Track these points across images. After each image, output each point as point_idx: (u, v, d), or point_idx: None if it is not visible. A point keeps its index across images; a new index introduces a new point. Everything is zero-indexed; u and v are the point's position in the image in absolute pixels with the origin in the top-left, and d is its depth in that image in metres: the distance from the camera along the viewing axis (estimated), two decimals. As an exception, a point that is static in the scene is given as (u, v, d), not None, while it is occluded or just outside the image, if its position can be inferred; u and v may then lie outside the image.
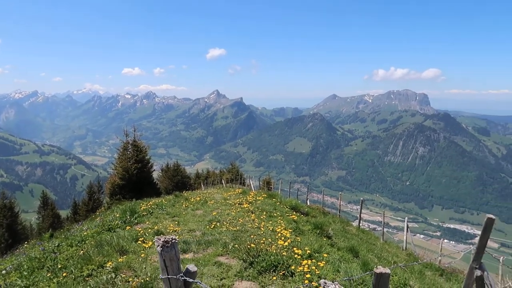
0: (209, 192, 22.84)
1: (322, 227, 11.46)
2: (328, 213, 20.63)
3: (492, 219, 4.44)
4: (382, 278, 2.78)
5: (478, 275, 4.53)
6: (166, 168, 44.58)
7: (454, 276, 14.00)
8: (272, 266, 6.85)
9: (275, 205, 14.55)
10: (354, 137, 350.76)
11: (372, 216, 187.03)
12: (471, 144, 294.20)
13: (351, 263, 8.30)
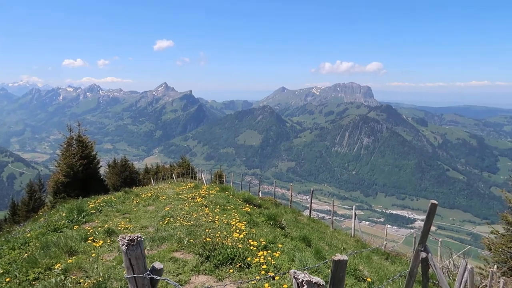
0: (160, 187, 22.39)
1: (275, 218, 11.67)
2: (280, 204, 21.01)
3: (435, 204, 4.76)
4: (340, 265, 2.91)
5: (423, 257, 4.86)
6: (113, 164, 42.95)
7: (398, 259, 14.84)
8: (228, 259, 6.90)
9: (228, 198, 14.58)
10: (302, 129, 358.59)
11: (321, 206, 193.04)
12: (411, 134, 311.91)
13: (304, 251, 8.55)
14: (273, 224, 11.27)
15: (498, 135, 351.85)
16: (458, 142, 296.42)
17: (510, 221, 18.43)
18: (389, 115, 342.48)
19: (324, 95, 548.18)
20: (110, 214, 12.55)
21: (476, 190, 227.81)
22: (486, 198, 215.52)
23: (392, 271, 10.21)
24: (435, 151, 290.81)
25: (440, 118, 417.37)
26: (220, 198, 14.25)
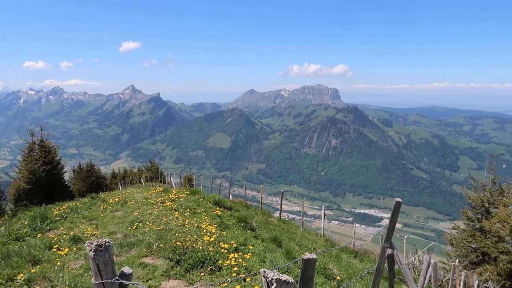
0: (128, 192, 21.93)
1: (246, 220, 11.71)
2: (251, 206, 21.08)
3: (400, 202, 4.94)
4: (309, 263, 2.97)
5: (389, 253, 5.02)
6: (78, 169, 41.63)
7: (366, 257, 15.22)
8: (199, 263, 6.86)
9: (198, 202, 14.49)
10: (272, 131, 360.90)
11: (291, 207, 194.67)
12: (377, 134, 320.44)
13: (275, 252, 8.63)
14: (244, 226, 11.29)
15: (458, 135, 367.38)
16: (422, 142, 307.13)
17: (470, 216, 19.28)
18: (356, 116, 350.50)
19: (292, 97, 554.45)
20: (76, 221, 12.18)
21: (438, 188, 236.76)
22: (448, 196, 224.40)
23: (361, 269, 10.46)
24: (400, 151, 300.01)
25: (404, 119, 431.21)
26: (190, 202, 14.13)
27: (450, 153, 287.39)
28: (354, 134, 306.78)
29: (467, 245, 18.80)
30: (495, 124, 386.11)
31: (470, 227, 19.57)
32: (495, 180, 19.54)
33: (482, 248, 17.52)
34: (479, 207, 19.09)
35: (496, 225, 16.72)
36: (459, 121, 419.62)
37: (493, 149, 39.52)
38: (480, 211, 19.17)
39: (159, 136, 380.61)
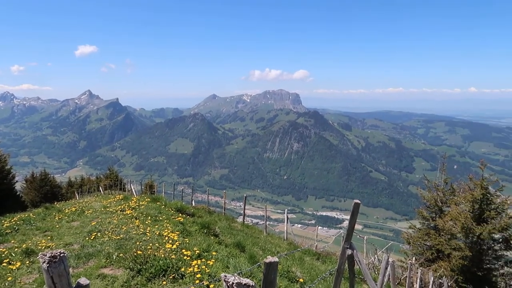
0: (85, 201, 21.13)
1: (209, 226, 11.60)
2: (214, 212, 20.92)
3: (358, 204, 5.07)
4: (271, 267, 2.98)
5: (349, 254, 5.14)
6: (31, 178, 39.56)
7: (328, 258, 15.50)
8: (161, 271, 6.71)
9: (160, 209, 14.20)
10: (234, 135, 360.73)
11: (255, 211, 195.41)
12: (337, 138, 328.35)
13: (239, 257, 8.60)
14: (207, 232, 11.19)
15: (413, 138, 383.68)
16: (379, 145, 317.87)
17: (425, 215, 20.17)
18: (316, 120, 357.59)
19: (254, 102, 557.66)
20: (29, 232, 11.57)
21: (396, 189, 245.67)
22: (405, 196, 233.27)
23: (323, 270, 10.64)
24: (359, 154, 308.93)
25: (363, 122, 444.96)
26: (151, 209, 13.83)
27: (406, 155, 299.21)
28: (315, 138, 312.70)
29: (423, 243, 19.64)
30: (447, 127, 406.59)
31: (425, 226, 20.46)
32: (447, 180, 20.57)
33: (437, 245, 18.36)
34: (433, 207, 20.01)
35: (449, 223, 17.58)
36: (413, 125, 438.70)
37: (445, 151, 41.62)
38: (434, 210, 20.10)
39: (118, 143, 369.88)
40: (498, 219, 16.85)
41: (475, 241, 17.06)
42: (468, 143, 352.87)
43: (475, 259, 16.97)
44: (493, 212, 16.94)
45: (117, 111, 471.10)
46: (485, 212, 17.09)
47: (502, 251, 17.53)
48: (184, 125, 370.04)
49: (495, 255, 17.55)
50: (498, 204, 17.31)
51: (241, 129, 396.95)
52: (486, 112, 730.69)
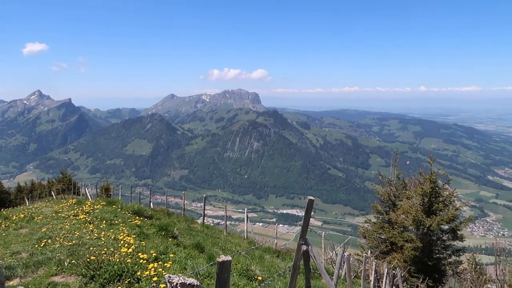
0: (35, 206, 20.11)
1: (167, 228, 11.42)
2: (173, 214, 20.62)
3: (312, 200, 5.18)
4: (224, 266, 2.98)
5: (304, 249, 5.24)
6: (-25, 184, 37.20)
7: (288, 256, 15.72)
8: (116, 276, 6.52)
9: (116, 212, 13.80)
10: (194, 136, 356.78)
11: (216, 211, 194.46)
12: (296, 136, 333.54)
13: (197, 259, 8.53)
14: (165, 234, 11.01)
15: (368, 135, 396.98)
16: (337, 142, 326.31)
17: (380, 210, 20.94)
18: (276, 119, 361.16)
19: (214, 102, 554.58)
20: (-28, 242, 10.84)
21: (353, 185, 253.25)
22: (362, 192, 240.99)
23: (283, 267, 10.77)
24: (317, 151, 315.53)
25: (321, 121, 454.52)
26: (106, 213, 13.40)
27: (362, 152, 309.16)
28: (275, 137, 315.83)
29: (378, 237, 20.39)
30: (399, 125, 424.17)
31: (380, 219, 21.23)
32: (399, 175, 21.46)
33: (390, 238, 19.12)
34: (387, 201, 20.82)
35: (401, 216, 18.37)
36: (368, 123, 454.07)
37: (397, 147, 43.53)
38: (387, 204, 20.92)
39: (71, 145, 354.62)
40: (446, 211, 17.82)
41: (426, 233, 17.94)
42: (419, 139, 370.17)
43: (426, 250, 17.85)
44: (441, 204, 17.90)
45: (70, 112, 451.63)
46: (434, 205, 18.01)
47: (449, 241, 18.55)
48: (142, 126, 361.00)
49: (444, 245, 18.54)
50: (446, 196, 18.30)
51: (201, 129, 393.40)
52: (435, 110, 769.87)
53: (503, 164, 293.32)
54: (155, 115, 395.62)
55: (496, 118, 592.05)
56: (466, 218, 19.35)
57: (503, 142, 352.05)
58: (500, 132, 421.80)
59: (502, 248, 14.13)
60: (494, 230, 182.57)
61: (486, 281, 14.35)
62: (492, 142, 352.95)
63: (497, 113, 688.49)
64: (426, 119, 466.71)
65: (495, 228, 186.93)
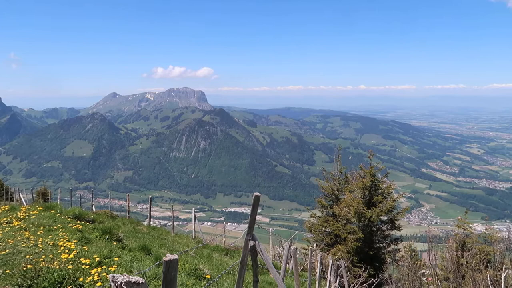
0: (-38, 215, 18.46)
1: (111, 231, 11.05)
2: (117, 217, 19.95)
3: (258, 196, 5.28)
4: (171, 264, 2.97)
5: (251, 245, 5.34)
6: None
7: (237, 253, 15.84)
8: (56, 284, 6.22)
9: (54, 217, 13.07)
10: (138, 135, 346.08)
11: (163, 212, 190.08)
12: (243, 135, 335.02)
13: (144, 261, 8.36)
14: (109, 238, 10.65)
15: (313, 132, 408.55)
16: (283, 140, 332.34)
17: (324, 204, 21.74)
18: (222, 118, 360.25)
19: (158, 100, 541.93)
20: None
21: (299, 182, 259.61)
22: (308, 187, 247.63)
23: (231, 265, 10.84)
24: (264, 149, 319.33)
25: (267, 119, 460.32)
26: (44, 219, 12.65)
27: (307, 149, 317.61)
28: (222, 135, 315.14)
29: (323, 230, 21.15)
30: (342, 122, 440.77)
31: (324, 213, 22.03)
32: (342, 170, 22.41)
33: (335, 231, 19.92)
34: (331, 195, 21.66)
35: (344, 209, 19.19)
36: (313, 120, 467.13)
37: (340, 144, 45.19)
38: (331, 199, 21.76)
39: (3, 148, 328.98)
40: (385, 202, 18.90)
41: (367, 224, 18.90)
42: (360, 135, 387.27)
43: (367, 240, 18.82)
44: (381, 196, 18.95)
45: (0, 112, 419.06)
46: (374, 197, 19.03)
47: (388, 231, 19.72)
48: (82, 126, 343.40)
49: (383, 235, 19.67)
50: (384, 189, 19.41)
51: (145, 129, 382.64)
52: (374, 107, 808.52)
53: (435, 157, 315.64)
54: (96, 114, 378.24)
55: (429, 115, 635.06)
56: (402, 208, 20.66)
57: (435, 137, 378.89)
58: (432, 128, 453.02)
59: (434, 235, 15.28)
60: (428, 219, 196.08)
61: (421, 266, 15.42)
62: (425, 137, 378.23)
63: (430, 110, 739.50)
64: (366, 116, 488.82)
65: (429, 217, 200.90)
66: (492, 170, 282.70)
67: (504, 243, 13.05)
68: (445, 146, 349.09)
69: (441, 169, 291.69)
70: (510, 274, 9.95)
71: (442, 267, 13.67)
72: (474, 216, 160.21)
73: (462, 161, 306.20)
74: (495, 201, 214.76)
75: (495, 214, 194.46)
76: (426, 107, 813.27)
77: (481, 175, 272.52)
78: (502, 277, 8.71)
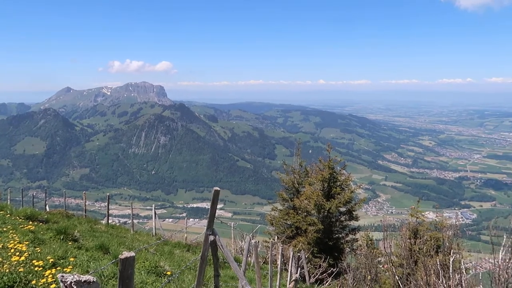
0: None
1: (66, 231, 10.66)
2: (73, 216, 19.24)
3: (218, 191, 5.29)
4: (127, 262, 2.92)
5: (212, 240, 5.34)
6: None
7: (198, 249, 15.77)
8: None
9: (4, 219, 12.41)
10: (95, 132, 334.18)
11: (123, 210, 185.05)
12: (204, 130, 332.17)
13: (102, 260, 8.14)
14: (64, 238, 10.28)
15: (274, 127, 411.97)
16: (244, 134, 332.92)
17: (285, 197, 22.07)
18: (183, 113, 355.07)
19: (116, 95, 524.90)
20: None
21: (261, 176, 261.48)
22: (269, 181, 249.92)
23: (192, 260, 10.79)
24: (226, 144, 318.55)
25: (228, 114, 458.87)
26: (-8, 220, 11.98)
27: (268, 143, 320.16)
28: (183, 130, 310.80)
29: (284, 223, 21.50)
30: (302, 116, 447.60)
31: (285, 206, 22.39)
32: (302, 164, 22.84)
33: (295, 223, 20.30)
34: (291, 188, 22.03)
35: (304, 201, 19.59)
36: (273, 114, 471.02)
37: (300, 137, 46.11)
38: (292, 192, 22.13)
39: None
40: (343, 194, 19.48)
41: (326, 215, 19.41)
42: (320, 129, 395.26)
43: (326, 231, 19.34)
44: (339, 188, 19.51)
45: None
46: (333, 189, 19.56)
47: (347, 221, 20.37)
48: (33, 122, 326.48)
49: (342, 226, 20.30)
50: (343, 181, 20.00)
51: (102, 124, 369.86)
52: (332, 102, 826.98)
53: (390, 150, 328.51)
54: (49, 110, 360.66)
55: (384, 109, 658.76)
56: (360, 199, 21.39)
57: (390, 130, 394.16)
58: (388, 121, 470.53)
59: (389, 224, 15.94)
60: (384, 209, 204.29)
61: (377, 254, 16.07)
62: (381, 130, 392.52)
63: (385, 104, 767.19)
64: (325, 110, 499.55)
65: (385, 207, 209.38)
66: (442, 161, 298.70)
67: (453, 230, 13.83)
68: (399, 138, 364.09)
69: (396, 161, 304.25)
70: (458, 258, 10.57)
71: (396, 254, 14.32)
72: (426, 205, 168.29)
73: (415, 152, 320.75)
74: (445, 190, 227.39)
75: (445, 202, 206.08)
76: (381, 101, 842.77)
77: (432, 165, 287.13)
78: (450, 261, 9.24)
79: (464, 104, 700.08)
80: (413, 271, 12.07)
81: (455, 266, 9.76)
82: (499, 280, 8.28)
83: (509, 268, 8.41)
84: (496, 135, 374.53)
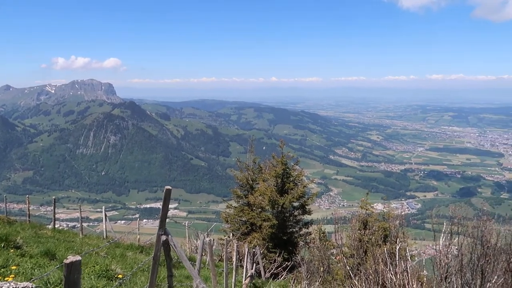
0: None
1: (7, 238, 10.04)
2: (15, 222, 18.14)
3: (169, 190, 5.22)
4: (73, 266, 2.82)
5: (164, 239, 5.26)
6: None
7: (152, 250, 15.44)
8: None
9: None
10: (38, 132, 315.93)
11: (71, 214, 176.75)
12: (156, 128, 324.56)
13: (47, 267, 7.77)
14: (6, 245, 9.67)
15: (227, 124, 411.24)
16: (198, 132, 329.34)
17: (239, 194, 22.16)
18: (133, 111, 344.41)
19: (61, 93, 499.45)
20: None
21: (215, 174, 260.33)
22: (224, 179, 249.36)
23: (144, 261, 10.57)
24: (179, 142, 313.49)
25: (181, 112, 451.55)
26: None
27: (222, 141, 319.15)
28: (133, 129, 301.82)
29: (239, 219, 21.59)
30: (255, 113, 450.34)
31: (240, 203, 22.48)
32: (255, 160, 23.02)
33: (250, 219, 20.45)
34: (245, 185, 22.15)
35: (259, 198, 19.79)
36: (227, 112, 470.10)
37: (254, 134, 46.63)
38: (246, 188, 22.26)
39: None
40: (296, 189, 19.90)
41: (280, 211, 19.73)
42: (273, 126, 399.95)
43: (281, 226, 19.67)
44: (292, 183, 19.90)
45: None
46: (286, 184, 19.92)
47: (300, 215, 20.84)
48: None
49: (296, 220, 20.74)
50: (296, 176, 20.41)
51: (47, 124, 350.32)
52: (285, 99, 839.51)
53: (341, 145, 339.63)
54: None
55: (335, 105, 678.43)
56: (312, 194, 21.96)
57: (340, 126, 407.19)
58: (338, 117, 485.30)
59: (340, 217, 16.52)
60: (336, 203, 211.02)
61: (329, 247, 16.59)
62: (332, 126, 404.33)
63: (335, 100, 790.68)
64: (278, 107, 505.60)
65: (337, 201, 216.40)
66: (389, 155, 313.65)
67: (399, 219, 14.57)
68: (349, 134, 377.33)
69: (347, 155, 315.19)
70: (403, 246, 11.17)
71: (348, 245, 14.87)
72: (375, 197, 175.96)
73: (364, 147, 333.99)
74: (392, 182, 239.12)
75: (392, 193, 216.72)
76: (332, 98, 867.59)
77: (380, 159, 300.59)
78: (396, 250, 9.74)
79: (408, 99, 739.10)
80: (363, 260, 12.59)
81: (401, 254, 10.31)
82: (440, 264, 8.87)
83: (448, 253, 9.04)
84: (437, 129, 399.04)
